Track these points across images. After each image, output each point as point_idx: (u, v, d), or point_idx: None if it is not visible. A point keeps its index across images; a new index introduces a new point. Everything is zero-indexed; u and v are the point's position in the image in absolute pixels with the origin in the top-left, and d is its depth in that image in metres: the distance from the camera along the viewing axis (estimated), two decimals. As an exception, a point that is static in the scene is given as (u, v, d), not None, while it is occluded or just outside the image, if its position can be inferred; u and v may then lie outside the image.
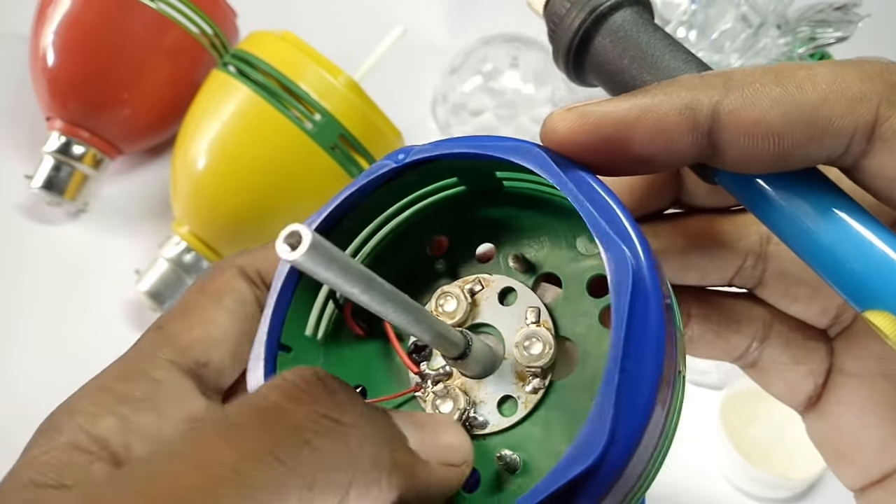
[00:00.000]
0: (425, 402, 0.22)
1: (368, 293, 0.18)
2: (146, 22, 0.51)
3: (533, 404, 0.21)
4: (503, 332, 0.23)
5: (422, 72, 0.61)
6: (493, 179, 0.23)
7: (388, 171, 0.22)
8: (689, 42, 0.49)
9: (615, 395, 0.17)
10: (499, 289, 0.23)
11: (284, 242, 0.16)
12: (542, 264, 0.23)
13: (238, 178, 0.46)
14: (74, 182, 0.52)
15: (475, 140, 0.21)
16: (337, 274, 0.17)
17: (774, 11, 0.47)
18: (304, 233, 0.16)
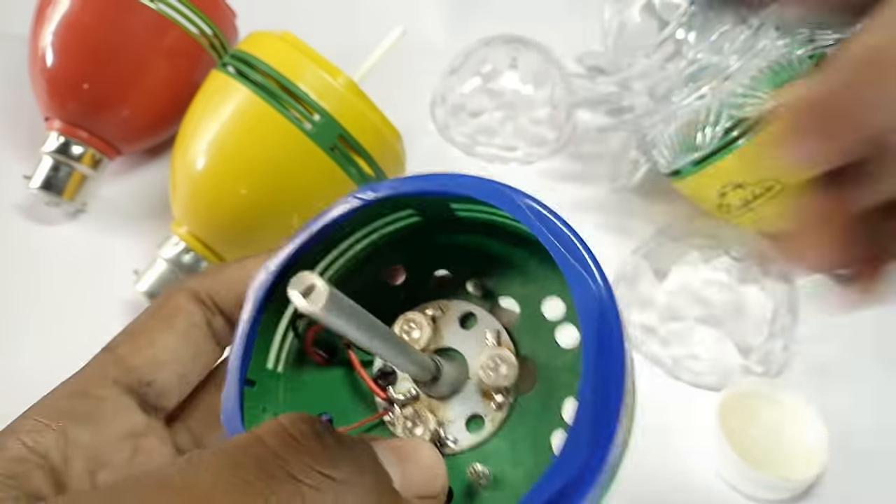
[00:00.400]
0: (395, 427, 0.23)
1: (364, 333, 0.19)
2: (145, 22, 0.51)
3: (499, 421, 0.23)
4: (466, 355, 0.24)
5: (421, 73, 0.61)
6: (448, 211, 0.24)
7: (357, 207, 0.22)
8: (688, 44, 0.49)
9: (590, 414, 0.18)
10: (459, 313, 0.24)
11: (298, 291, 0.16)
12: (498, 289, 0.24)
13: (237, 178, 0.46)
14: (73, 182, 0.52)
15: (435, 178, 0.22)
16: (344, 318, 0.17)
17: (773, 13, 0.47)
18: (320, 284, 0.16)
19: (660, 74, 0.49)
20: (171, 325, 0.24)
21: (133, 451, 0.23)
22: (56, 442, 0.21)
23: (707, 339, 0.48)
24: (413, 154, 0.52)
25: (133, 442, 0.23)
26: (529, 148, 0.59)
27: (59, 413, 0.22)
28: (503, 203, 0.21)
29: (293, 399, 0.25)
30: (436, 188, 0.22)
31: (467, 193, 0.21)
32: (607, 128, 0.53)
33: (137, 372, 0.23)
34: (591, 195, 0.57)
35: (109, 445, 0.22)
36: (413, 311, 0.25)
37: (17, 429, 0.21)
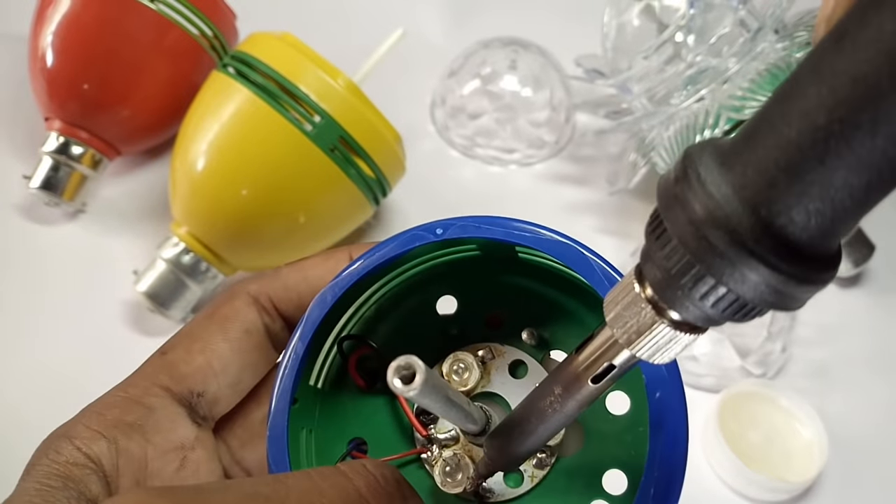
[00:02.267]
0: (433, 467, 0.23)
1: (447, 408, 0.19)
2: (145, 23, 0.51)
3: (539, 479, 0.22)
4: (512, 404, 0.23)
5: (420, 75, 0.61)
6: (510, 251, 0.23)
7: (423, 244, 0.22)
8: (687, 46, 0.49)
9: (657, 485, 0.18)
10: (510, 360, 0.24)
11: (397, 377, 0.17)
12: (553, 341, 0.24)
13: (237, 179, 0.46)
14: (73, 182, 0.52)
15: (510, 225, 0.21)
16: (435, 399, 0.18)
17: (772, 16, 0.47)
18: (419, 370, 0.16)
19: (659, 77, 0.49)
20: (225, 331, 0.24)
21: (180, 463, 0.23)
22: (108, 450, 0.21)
23: (705, 341, 0.48)
24: (413, 155, 0.52)
25: (181, 454, 0.23)
26: (528, 150, 0.59)
27: (110, 421, 0.22)
28: (578, 267, 0.21)
29: (330, 419, 0.24)
30: (507, 238, 0.21)
31: (541, 249, 0.21)
32: (606, 130, 0.53)
33: (189, 381, 0.23)
34: (590, 197, 0.58)
35: (157, 457, 0.23)
36: (464, 350, 0.24)
37: (70, 434, 0.21)
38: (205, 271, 0.48)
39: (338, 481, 0.18)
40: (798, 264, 0.13)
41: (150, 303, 0.48)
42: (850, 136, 0.12)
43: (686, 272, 0.14)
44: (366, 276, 0.23)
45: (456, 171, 0.59)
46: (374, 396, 0.25)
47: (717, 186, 0.13)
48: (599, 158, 0.60)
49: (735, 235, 0.13)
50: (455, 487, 0.22)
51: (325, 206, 0.47)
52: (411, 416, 0.23)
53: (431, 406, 0.18)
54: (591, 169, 0.59)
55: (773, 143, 0.13)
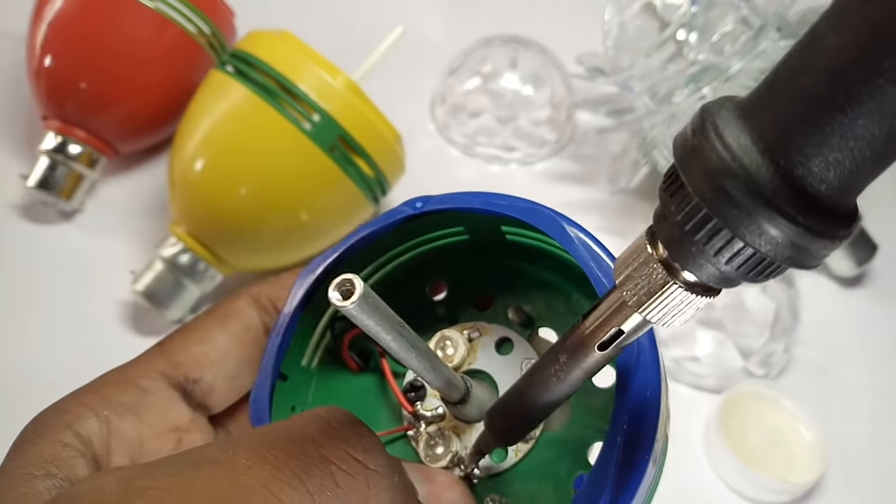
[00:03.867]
0: (418, 442, 0.23)
1: (398, 340, 0.19)
2: (143, 21, 0.50)
3: (524, 452, 0.22)
4: (498, 380, 0.24)
5: (420, 73, 0.61)
6: (497, 232, 0.24)
7: (404, 216, 0.23)
8: (689, 45, 0.48)
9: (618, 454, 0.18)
10: (496, 338, 0.24)
11: (336, 290, 0.17)
12: (539, 318, 0.24)
13: (235, 178, 0.46)
14: (70, 181, 0.52)
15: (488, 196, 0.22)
16: (378, 322, 0.18)
17: (775, 14, 0.47)
18: (357, 283, 0.17)
19: (660, 75, 0.48)
20: (224, 325, 0.24)
21: (176, 444, 0.23)
22: (99, 429, 0.21)
23: (708, 342, 0.48)
24: (412, 154, 0.52)
25: (176, 436, 0.23)
26: (529, 149, 0.59)
27: (103, 400, 0.22)
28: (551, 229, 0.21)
29: (321, 400, 0.25)
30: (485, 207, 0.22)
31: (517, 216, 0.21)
32: (607, 129, 0.53)
33: (185, 367, 0.23)
34: (591, 197, 0.57)
35: (152, 438, 0.22)
36: (451, 328, 0.25)
37: (60, 408, 0.21)
38: (203, 271, 0.48)
39: (289, 431, 0.18)
40: (816, 217, 0.13)
41: (147, 302, 0.47)
42: (872, 84, 0.11)
43: (702, 227, 0.14)
44: (351, 252, 0.23)
45: (456, 169, 0.59)
46: (365, 376, 0.25)
47: (736, 137, 0.13)
48: (601, 157, 0.59)
49: (753, 186, 0.13)
50: (438, 461, 0.22)
51: (325, 206, 0.47)
52: (398, 392, 0.24)
53: (379, 333, 0.18)
54: (593, 168, 0.59)
55: (792, 93, 0.13)
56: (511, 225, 0.23)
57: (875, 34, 0.11)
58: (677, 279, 0.15)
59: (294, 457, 0.17)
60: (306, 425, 0.18)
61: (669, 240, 0.15)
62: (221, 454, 0.17)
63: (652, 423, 0.18)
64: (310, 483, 0.17)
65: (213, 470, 0.16)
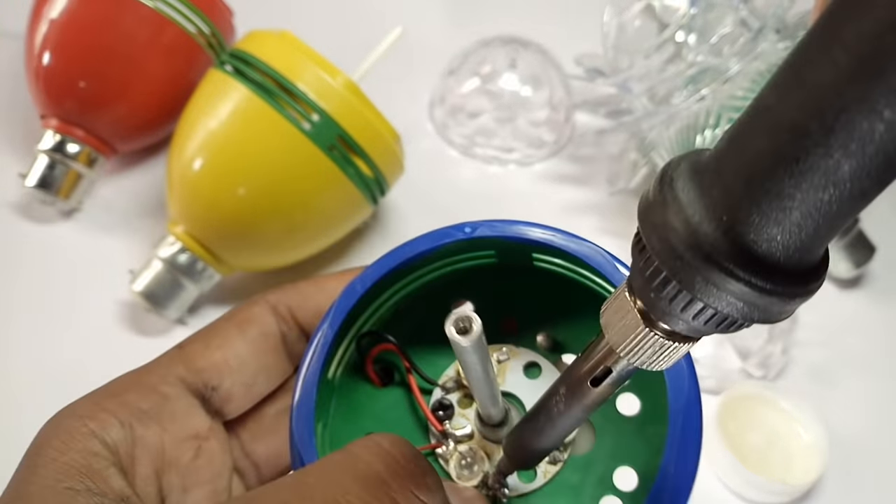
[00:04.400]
0: (448, 461, 0.23)
1: (485, 373, 0.19)
2: (142, 20, 0.50)
3: (552, 474, 0.23)
4: (526, 404, 0.24)
5: (420, 73, 0.61)
6: (527, 259, 0.24)
7: (453, 240, 0.23)
8: (688, 46, 0.49)
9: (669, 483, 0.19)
10: (524, 361, 0.25)
11: (453, 326, 0.17)
12: (565, 345, 0.25)
13: (234, 178, 0.46)
14: (69, 181, 0.52)
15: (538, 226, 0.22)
16: (479, 357, 0.18)
17: (774, 16, 0.47)
18: (475, 322, 0.17)
19: (659, 77, 0.49)
20: (243, 332, 0.24)
21: (195, 452, 0.23)
22: (124, 438, 0.21)
23: (706, 343, 0.48)
24: (411, 154, 0.52)
25: (196, 444, 0.23)
26: (528, 149, 0.59)
27: (125, 406, 0.21)
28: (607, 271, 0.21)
29: (344, 414, 0.25)
30: (542, 243, 0.22)
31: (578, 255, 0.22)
32: (606, 130, 0.53)
33: (204, 374, 0.23)
34: (590, 198, 0.57)
35: (174, 446, 0.22)
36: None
37: (80, 412, 0.21)
38: (201, 271, 0.48)
39: (356, 468, 0.18)
40: (775, 279, 0.13)
41: (146, 302, 0.47)
42: (812, 151, 0.11)
43: (664, 286, 0.14)
44: (393, 271, 0.23)
45: (455, 170, 0.59)
46: (388, 392, 0.25)
47: (691, 203, 0.13)
48: (599, 158, 0.59)
49: (708, 253, 0.13)
50: (470, 480, 0.23)
51: (323, 206, 0.47)
52: (427, 410, 0.24)
53: (471, 368, 0.18)
54: (592, 169, 0.59)
55: (740, 158, 0.12)
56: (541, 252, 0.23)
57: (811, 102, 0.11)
58: (655, 328, 0.15)
59: (367, 502, 0.17)
60: (373, 461, 0.18)
61: (641, 294, 0.15)
62: (296, 499, 0.17)
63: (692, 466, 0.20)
64: None
65: None
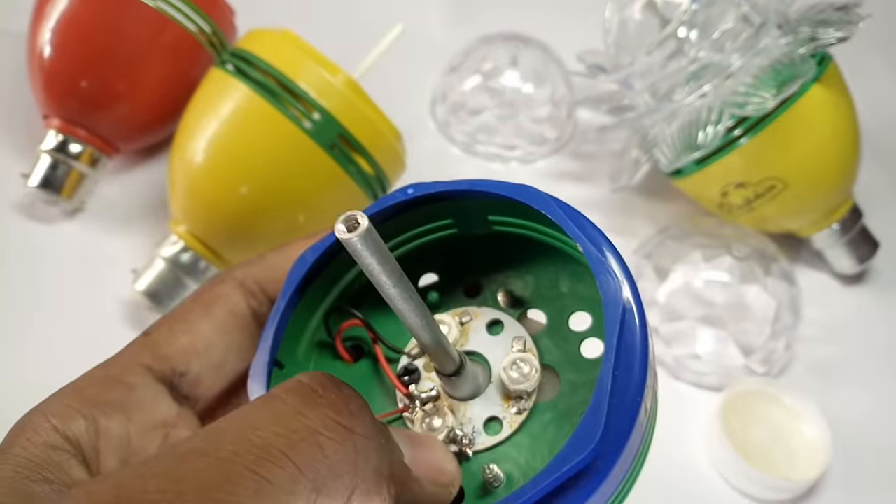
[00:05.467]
0: (413, 422, 0.24)
1: (398, 286, 0.19)
2: (144, 20, 0.50)
3: (517, 424, 0.23)
4: (490, 359, 0.24)
5: (421, 71, 0.61)
6: (485, 223, 0.24)
7: (397, 202, 0.23)
8: (689, 42, 0.48)
9: (608, 397, 0.18)
10: (487, 320, 0.25)
11: (342, 224, 0.18)
12: (527, 300, 0.25)
13: (236, 176, 0.46)
14: (71, 180, 0.52)
15: (475, 182, 0.23)
16: (379, 260, 0.18)
17: (776, 11, 0.47)
18: (362, 218, 0.18)
19: (661, 73, 0.48)
20: (209, 313, 0.24)
21: (163, 440, 0.23)
22: (86, 430, 0.21)
23: (709, 340, 0.48)
24: (413, 152, 0.52)
25: (163, 432, 0.23)
26: (530, 147, 0.59)
27: (89, 399, 0.21)
28: (538, 202, 0.22)
29: None
30: (472, 188, 0.23)
31: (505, 194, 0.22)
32: (608, 126, 0.53)
33: (171, 361, 0.23)
34: (592, 194, 0.57)
35: (140, 435, 0.22)
36: (443, 313, 0.25)
37: (45, 410, 0.21)
38: (204, 270, 0.48)
39: (271, 406, 0.17)
40: None
41: (148, 301, 0.47)
42: None
43: None
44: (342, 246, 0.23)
45: (457, 168, 0.59)
46: (358, 367, 0.26)
47: None
48: (601, 155, 0.59)
49: None
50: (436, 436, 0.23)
51: (325, 204, 0.47)
52: (392, 375, 0.24)
53: (381, 276, 0.19)
54: (594, 165, 0.59)
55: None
56: (498, 211, 0.24)
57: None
58: None
59: (280, 434, 0.17)
60: (289, 396, 0.18)
61: None
62: (207, 444, 0.17)
63: (641, 369, 0.19)
64: (298, 458, 0.16)
65: (198, 463, 0.16)
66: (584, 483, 0.18)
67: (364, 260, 0.18)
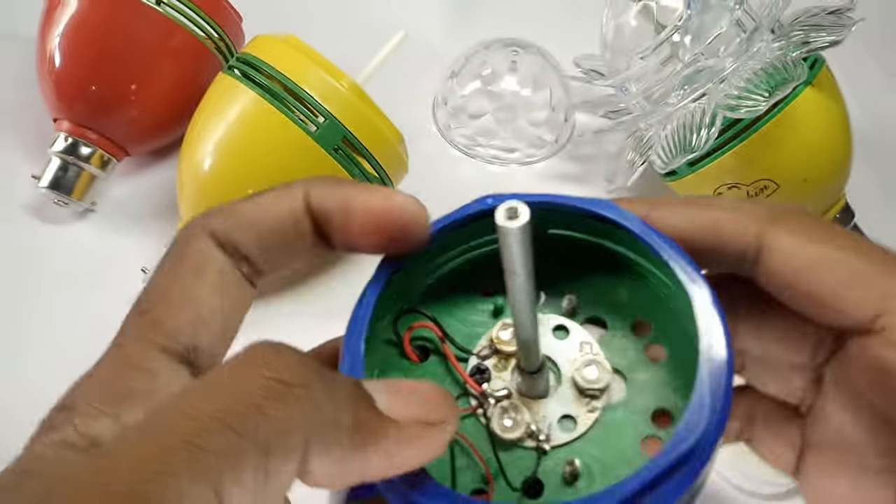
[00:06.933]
0: (489, 419, 0.24)
1: (528, 280, 0.21)
2: (152, 25, 0.51)
3: (591, 422, 0.24)
4: (558, 361, 0.25)
5: (422, 76, 0.62)
6: (542, 236, 0.25)
7: (478, 210, 0.24)
8: (684, 46, 0.49)
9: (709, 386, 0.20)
10: (552, 325, 0.26)
11: (504, 211, 0.19)
12: (588, 308, 0.26)
13: (243, 179, 0.47)
14: (82, 182, 0.53)
15: (560, 196, 0.24)
16: (524, 252, 0.20)
17: (769, 16, 0.47)
18: (523, 209, 0.19)
19: (656, 77, 0.49)
20: (200, 277, 0.21)
21: None
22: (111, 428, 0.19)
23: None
24: (415, 155, 0.53)
25: None
26: (528, 149, 0.60)
27: (114, 395, 0.20)
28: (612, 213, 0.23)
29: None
30: (556, 200, 0.24)
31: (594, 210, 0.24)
32: (604, 129, 0.54)
33: (182, 336, 0.21)
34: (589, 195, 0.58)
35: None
36: (509, 318, 0.26)
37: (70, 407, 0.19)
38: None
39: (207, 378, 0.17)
40: None
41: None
42: None
43: None
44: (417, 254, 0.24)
45: (457, 170, 0.60)
46: (425, 367, 0.26)
47: None
48: (598, 157, 0.60)
49: None
50: (513, 432, 0.23)
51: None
52: (464, 373, 0.25)
53: (519, 267, 0.20)
54: (590, 167, 0.60)
55: None
56: (560, 227, 0.25)
57: None
58: None
59: (214, 402, 0.16)
60: (226, 368, 0.17)
61: None
62: (146, 422, 0.16)
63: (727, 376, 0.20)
64: (235, 423, 0.16)
65: (132, 443, 0.16)
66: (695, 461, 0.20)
67: (512, 248, 0.19)
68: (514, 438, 0.23)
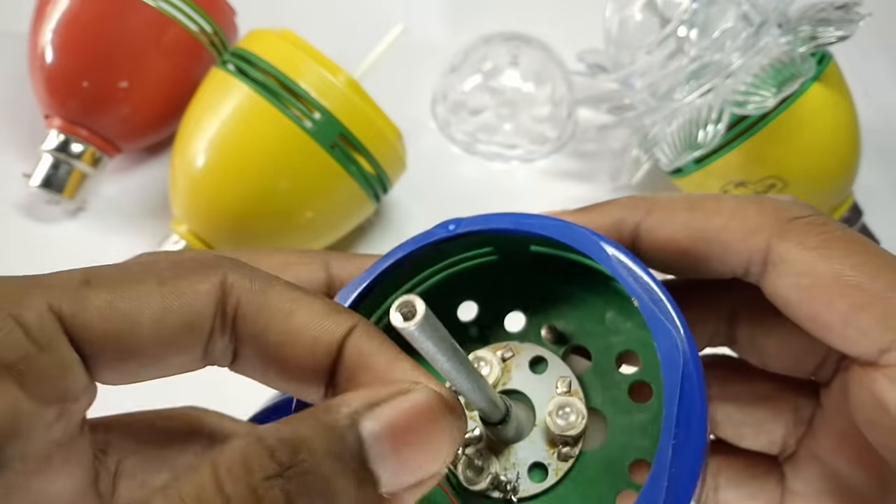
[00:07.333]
0: (456, 466, 0.23)
1: (452, 361, 0.18)
2: (145, 20, 0.51)
3: (563, 472, 0.22)
4: (534, 400, 0.23)
5: (421, 70, 0.61)
6: (526, 252, 0.23)
7: (437, 239, 0.22)
8: (689, 41, 0.48)
9: (668, 469, 0.18)
10: (530, 357, 0.24)
11: (397, 312, 0.17)
12: (572, 336, 0.24)
13: (237, 176, 0.46)
14: (73, 180, 0.52)
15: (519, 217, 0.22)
16: (436, 343, 0.18)
17: (776, 10, 0.47)
18: (419, 304, 0.17)
19: (661, 72, 0.49)
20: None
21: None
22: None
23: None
24: (413, 152, 0.52)
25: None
26: (530, 146, 0.59)
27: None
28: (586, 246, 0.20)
29: None
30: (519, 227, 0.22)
31: (550, 235, 0.21)
32: (608, 126, 0.53)
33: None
34: (593, 193, 0.57)
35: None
36: (484, 349, 0.24)
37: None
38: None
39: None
40: None
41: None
42: None
43: None
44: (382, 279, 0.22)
45: (457, 167, 0.59)
46: None
47: None
48: (602, 154, 0.59)
49: None
50: (478, 483, 0.22)
51: (326, 204, 0.47)
52: None
53: (432, 357, 0.18)
54: (594, 165, 0.59)
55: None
56: (540, 244, 0.23)
57: None
58: None
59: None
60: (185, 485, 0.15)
61: None
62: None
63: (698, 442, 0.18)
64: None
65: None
66: None
67: (420, 344, 0.17)
68: (480, 490, 0.22)
